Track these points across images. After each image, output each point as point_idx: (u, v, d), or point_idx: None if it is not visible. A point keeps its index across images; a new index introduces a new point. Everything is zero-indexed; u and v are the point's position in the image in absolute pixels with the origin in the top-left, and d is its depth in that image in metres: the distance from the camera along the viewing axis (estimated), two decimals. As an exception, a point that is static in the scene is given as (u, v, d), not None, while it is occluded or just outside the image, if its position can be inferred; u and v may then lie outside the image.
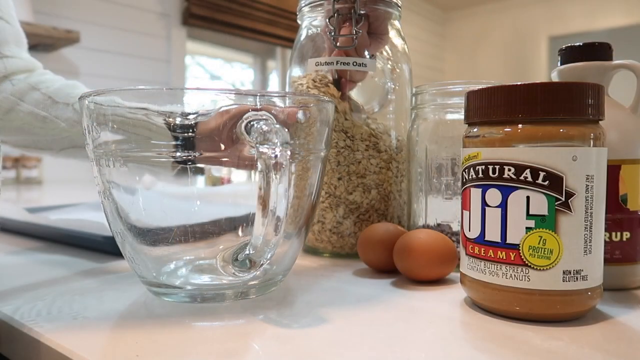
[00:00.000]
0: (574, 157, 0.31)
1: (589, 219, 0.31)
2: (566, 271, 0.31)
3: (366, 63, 0.50)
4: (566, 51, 0.42)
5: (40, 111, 0.53)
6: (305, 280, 0.42)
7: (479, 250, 0.33)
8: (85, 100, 0.35)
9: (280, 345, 0.28)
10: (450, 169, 0.46)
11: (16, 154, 1.85)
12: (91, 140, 0.35)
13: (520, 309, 0.32)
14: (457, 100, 0.45)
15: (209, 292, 0.36)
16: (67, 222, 0.56)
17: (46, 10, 2.01)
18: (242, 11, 2.69)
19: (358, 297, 0.37)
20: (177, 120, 0.33)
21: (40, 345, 0.29)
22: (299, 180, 0.37)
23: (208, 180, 0.35)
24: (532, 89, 0.31)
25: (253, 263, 0.32)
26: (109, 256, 0.50)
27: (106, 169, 0.35)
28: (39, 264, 0.48)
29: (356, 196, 0.49)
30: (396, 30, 0.53)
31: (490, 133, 0.33)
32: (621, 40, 3.38)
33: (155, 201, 0.36)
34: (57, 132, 0.54)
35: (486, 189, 0.33)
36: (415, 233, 0.41)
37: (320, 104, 0.38)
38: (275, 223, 0.31)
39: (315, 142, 0.38)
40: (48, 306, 0.35)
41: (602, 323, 0.32)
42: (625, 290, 0.39)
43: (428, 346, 0.28)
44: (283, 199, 0.31)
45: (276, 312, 0.34)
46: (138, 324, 0.32)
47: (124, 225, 0.36)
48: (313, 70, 0.51)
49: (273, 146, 0.31)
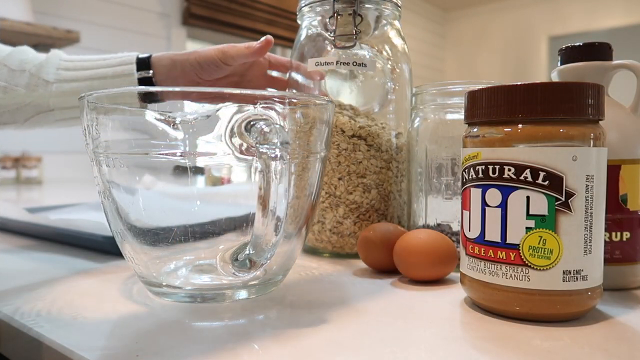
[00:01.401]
0: (574, 157, 0.31)
1: (589, 219, 0.31)
2: (566, 271, 0.31)
3: (367, 63, 0.50)
4: (566, 51, 0.42)
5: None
6: (305, 280, 0.42)
7: (479, 250, 0.33)
8: (85, 100, 0.35)
9: (280, 345, 0.28)
10: (450, 169, 0.46)
11: (16, 154, 1.86)
12: (91, 140, 0.35)
13: (520, 309, 0.32)
14: (457, 100, 0.45)
15: (209, 292, 0.36)
16: (67, 222, 0.56)
17: (46, 10, 2.01)
18: (242, 11, 2.69)
19: (358, 297, 0.37)
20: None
21: (40, 345, 0.29)
22: (299, 181, 0.37)
23: (208, 180, 0.35)
24: (532, 89, 0.31)
25: (253, 263, 0.32)
26: (109, 256, 0.50)
27: (106, 169, 0.35)
28: (39, 264, 0.48)
29: (356, 196, 0.49)
30: (396, 30, 0.53)
31: (490, 133, 0.33)
32: (621, 40, 3.38)
33: (155, 201, 0.36)
34: (19, 99, 0.53)
35: (486, 189, 0.33)
36: (415, 233, 0.41)
37: (320, 105, 0.38)
38: (275, 223, 0.31)
39: (315, 142, 0.38)
40: (48, 306, 0.35)
41: (602, 323, 0.32)
42: (625, 290, 0.39)
43: (428, 346, 0.28)
44: (283, 199, 0.31)
45: (276, 312, 0.34)
46: (138, 324, 0.32)
47: (124, 225, 0.36)
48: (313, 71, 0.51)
49: (273, 146, 0.31)
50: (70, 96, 0.53)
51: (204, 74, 0.55)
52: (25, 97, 0.53)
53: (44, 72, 0.53)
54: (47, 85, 0.52)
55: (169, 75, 0.55)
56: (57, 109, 0.53)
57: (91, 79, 0.53)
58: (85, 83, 0.53)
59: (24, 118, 0.54)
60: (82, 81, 0.53)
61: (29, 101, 0.53)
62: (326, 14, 0.50)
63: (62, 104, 0.53)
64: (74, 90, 0.53)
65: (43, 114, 0.54)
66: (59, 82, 0.53)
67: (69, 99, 0.53)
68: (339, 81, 0.53)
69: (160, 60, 0.55)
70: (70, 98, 0.53)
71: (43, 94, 0.52)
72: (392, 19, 0.52)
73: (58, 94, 0.53)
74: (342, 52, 0.50)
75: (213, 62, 0.54)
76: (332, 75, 0.52)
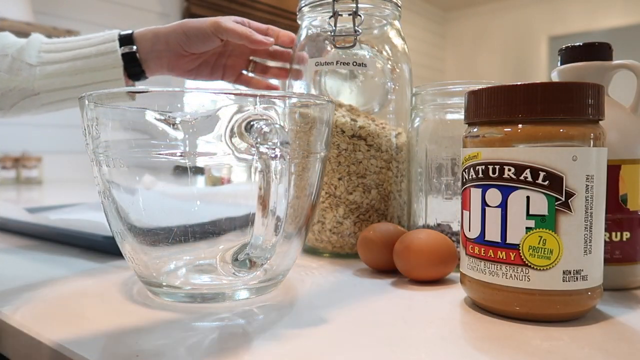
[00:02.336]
0: (574, 157, 0.31)
1: (589, 219, 0.31)
2: (566, 271, 0.31)
3: (366, 63, 0.50)
4: (566, 51, 0.42)
5: None
6: (305, 280, 0.42)
7: (479, 250, 0.33)
8: (85, 100, 0.35)
9: (280, 345, 0.28)
10: (450, 169, 0.46)
11: (16, 154, 1.86)
12: (91, 140, 0.35)
13: (520, 309, 0.32)
14: (457, 100, 0.45)
15: (209, 292, 0.36)
16: (67, 222, 0.56)
17: (46, 10, 2.01)
18: (242, 11, 2.69)
19: (358, 297, 0.37)
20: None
21: (40, 345, 0.29)
22: (299, 181, 0.37)
23: (208, 180, 0.35)
24: (532, 89, 0.31)
25: (253, 263, 0.32)
26: (109, 256, 0.50)
27: (106, 169, 0.35)
28: (39, 264, 0.48)
29: (356, 196, 0.49)
30: (396, 30, 0.53)
31: (490, 133, 0.33)
32: (621, 40, 3.38)
33: (155, 201, 0.36)
34: (3, 84, 0.52)
35: (486, 189, 0.33)
36: (415, 233, 0.41)
37: (320, 105, 0.38)
38: (275, 223, 0.31)
39: (315, 142, 0.38)
40: (48, 306, 0.35)
41: (602, 323, 0.32)
42: (625, 290, 0.39)
43: (428, 346, 0.28)
44: (283, 199, 0.31)
45: (276, 312, 0.34)
46: (138, 324, 0.32)
47: (124, 225, 0.36)
48: (313, 70, 0.51)
49: (273, 146, 0.31)
50: (54, 78, 0.52)
51: (190, 46, 0.55)
52: (9, 82, 0.52)
53: (26, 55, 0.52)
54: (30, 69, 0.52)
55: (152, 49, 0.55)
56: (43, 92, 0.53)
57: (74, 59, 0.53)
58: (68, 64, 0.53)
59: (9, 104, 0.54)
60: (65, 62, 0.53)
61: (13, 86, 0.52)
62: (326, 14, 0.50)
63: (47, 86, 0.52)
64: (58, 71, 0.52)
65: (29, 99, 0.53)
66: (42, 65, 0.52)
67: (53, 80, 0.52)
68: (339, 81, 0.53)
69: (143, 35, 0.55)
70: (54, 80, 0.52)
71: (27, 78, 0.52)
72: (392, 19, 0.52)
73: (42, 77, 0.52)
74: (342, 52, 0.50)
75: (203, 33, 0.54)
76: (332, 75, 0.52)
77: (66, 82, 0.53)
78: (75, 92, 0.53)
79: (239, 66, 0.62)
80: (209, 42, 0.54)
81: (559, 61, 0.43)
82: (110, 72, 0.54)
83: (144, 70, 0.56)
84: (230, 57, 0.61)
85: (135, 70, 0.56)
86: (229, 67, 0.62)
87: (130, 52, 0.54)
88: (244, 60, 0.62)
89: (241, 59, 0.62)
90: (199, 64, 0.60)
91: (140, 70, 0.56)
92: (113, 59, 0.53)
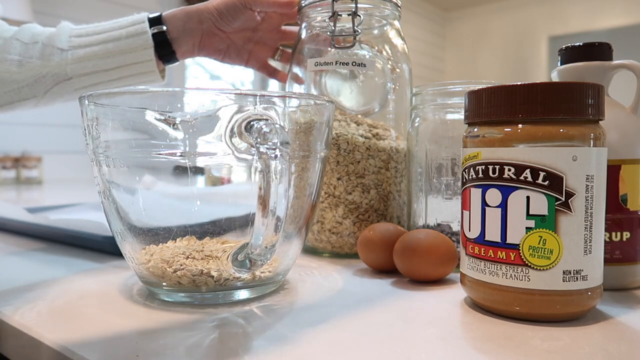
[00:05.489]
0: (574, 157, 0.31)
1: (589, 219, 0.31)
2: (566, 271, 0.31)
3: (365, 63, 0.50)
4: (566, 51, 0.42)
5: (12, 56, 0.52)
6: (305, 280, 0.42)
7: (479, 250, 0.33)
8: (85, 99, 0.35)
9: (280, 346, 0.28)
10: (450, 169, 0.46)
11: (16, 154, 1.86)
12: (91, 140, 0.35)
13: (520, 309, 0.32)
14: (457, 100, 0.45)
15: (209, 292, 0.36)
16: (67, 222, 0.56)
17: (46, 10, 2.01)
18: (242, 11, 2.68)
19: (358, 297, 0.37)
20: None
21: (40, 345, 0.29)
22: (299, 181, 0.37)
23: (208, 180, 0.35)
24: (532, 89, 0.31)
25: (253, 263, 0.32)
26: (109, 256, 0.51)
27: (106, 169, 0.35)
28: (39, 264, 0.48)
29: (355, 196, 0.49)
30: (396, 30, 0.53)
31: (490, 133, 0.33)
32: (621, 40, 3.38)
33: (155, 201, 0.36)
34: (36, 71, 0.52)
35: (486, 189, 0.33)
36: (415, 233, 0.41)
37: (320, 105, 0.38)
38: (275, 223, 0.31)
39: (315, 142, 0.38)
40: (48, 306, 0.35)
41: (602, 323, 0.32)
42: (625, 290, 0.39)
43: (428, 346, 0.28)
44: (283, 199, 0.31)
45: (276, 312, 0.34)
46: (138, 324, 0.32)
47: (124, 225, 0.36)
48: (313, 70, 0.51)
49: (273, 146, 0.31)
50: (86, 61, 0.53)
51: (223, 24, 0.55)
52: (41, 67, 0.52)
53: (57, 41, 0.53)
54: (61, 53, 0.52)
55: (185, 27, 0.55)
56: (75, 77, 0.53)
57: (105, 42, 0.53)
58: (99, 47, 0.53)
59: (43, 90, 0.54)
60: (95, 45, 0.53)
61: (45, 72, 0.52)
62: (326, 14, 0.50)
63: (80, 70, 0.53)
64: (89, 55, 0.53)
65: (62, 84, 0.53)
66: (73, 49, 0.53)
67: (85, 64, 0.53)
68: (339, 81, 0.53)
69: (174, 16, 0.55)
70: (86, 63, 0.53)
71: (59, 63, 0.52)
72: (392, 19, 0.52)
73: (74, 61, 0.52)
74: (341, 52, 0.50)
75: (234, 7, 0.54)
76: (332, 75, 0.52)
77: (98, 66, 0.53)
78: (108, 76, 0.54)
79: (265, 53, 0.63)
80: (241, 15, 0.55)
81: (559, 61, 0.43)
82: (141, 54, 0.54)
83: (174, 51, 0.56)
84: (257, 44, 0.62)
85: (166, 51, 0.56)
86: (254, 53, 0.62)
87: (160, 32, 0.54)
88: (270, 48, 0.63)
89: (267, 46, 0.62)
90: (227, 45, 0.60)
91: (171, 51, 0.56)
92: (144, 40, 0.54)
